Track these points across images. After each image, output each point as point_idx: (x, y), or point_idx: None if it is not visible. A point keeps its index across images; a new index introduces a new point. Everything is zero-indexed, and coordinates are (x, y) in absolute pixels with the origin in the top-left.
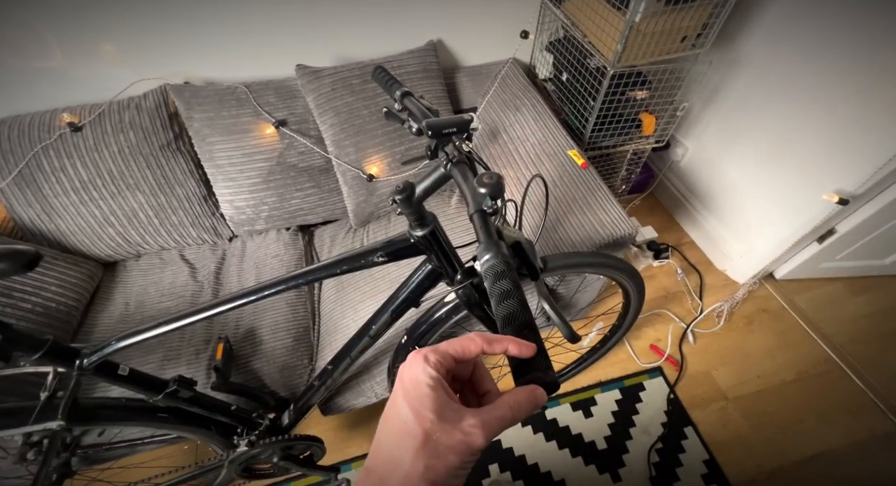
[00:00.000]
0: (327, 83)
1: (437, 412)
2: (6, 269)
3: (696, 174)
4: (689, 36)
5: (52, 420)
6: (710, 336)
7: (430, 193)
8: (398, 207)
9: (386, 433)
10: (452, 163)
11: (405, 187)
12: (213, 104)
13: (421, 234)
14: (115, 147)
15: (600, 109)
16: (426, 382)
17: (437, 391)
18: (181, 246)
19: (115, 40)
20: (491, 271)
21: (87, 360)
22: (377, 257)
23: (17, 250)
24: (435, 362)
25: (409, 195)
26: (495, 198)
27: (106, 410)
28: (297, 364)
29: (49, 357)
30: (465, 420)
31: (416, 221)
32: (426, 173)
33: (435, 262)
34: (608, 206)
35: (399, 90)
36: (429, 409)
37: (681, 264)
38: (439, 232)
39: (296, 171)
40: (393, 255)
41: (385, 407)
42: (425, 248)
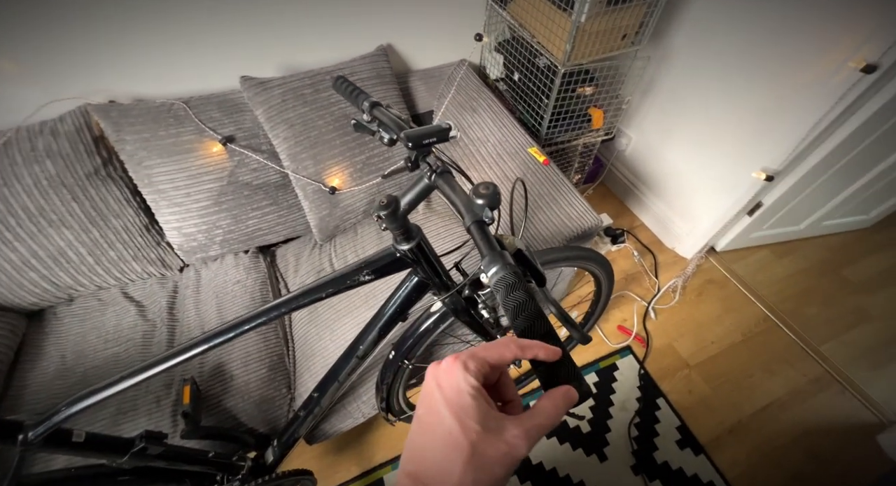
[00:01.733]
0: (277, 94)
1: (481, 422)
2: None
3: (640, 162)
4: (629, 34)
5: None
6: (668, 311)
7: (414, 206)
8: (383, 223)
9: (430, 442)
10: (437, 174)
11: (389, 202)
12: (146, 123)
13: (407, 247)
14: (30, 179)
15: (554, 106)
16: (468, 391)
17: (479, 401)
18: (123, 283)
19: (15, 56)
20: (502, 284)
21: (31, 432)
22: (363, 276)
23: None
24: (475, 370)
25: (394, 210)
26: (493, 208)
27: (58, 484)
28: (275, 395)
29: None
30: (507, 430)
31: (401, 235)
32: (409, 186)
33: (422, 274)
34: (573, 199)
35: (367, 101)
36: (473, 419)
37: (636, 247)
38: (425, 244)
39: (250, 189)
40: (379, 271)
41: (420, 411)
42: (412, 261)
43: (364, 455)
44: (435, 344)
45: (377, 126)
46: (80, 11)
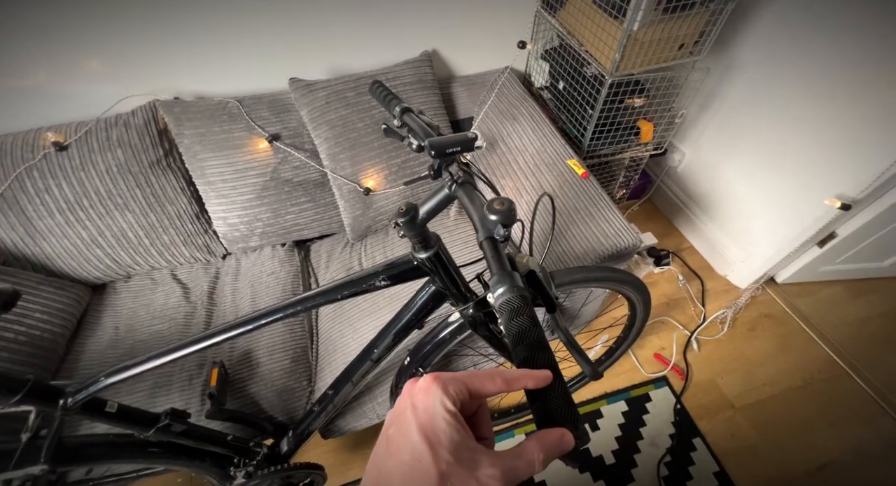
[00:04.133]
0: (321, 96)
1: (454, 452)
2: None
3: (694, 180)
4: (687, 43)
5: (35, 464)
6: (714, 343)
7: (434, 215)
8: (401, 230)
9: (396, 466)
10: (458, 184)
11: (408, 210)
12: (203, 120)
13: (425, 256)
14: (103, 166)
15: (599, 117)
16: (443, 415)
17: (455, 427)
18: (173, 266)
19: (100, 56)
20: (506, 307)
21: (71, 399)
22: (379, 281)
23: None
24: (454, 394)
25: (412, 218)
26: (507, 226)
27: (93, 448)
28: (296, 387)
29: (30, 398)
30: (482, 467)
31: (419, 244)
32: (430, 195)
33: (439, 283)
34: (611, 216)
35: (398, 106)
36: (446, 448)
37: (682, 271)
38: (444, 253)
39: (290, 186)
40: (395, 278)
41: (390, 430)
42: (429, 270)
43: None
44: (452, 354)
45: (406, 132)
46: (154, 17)
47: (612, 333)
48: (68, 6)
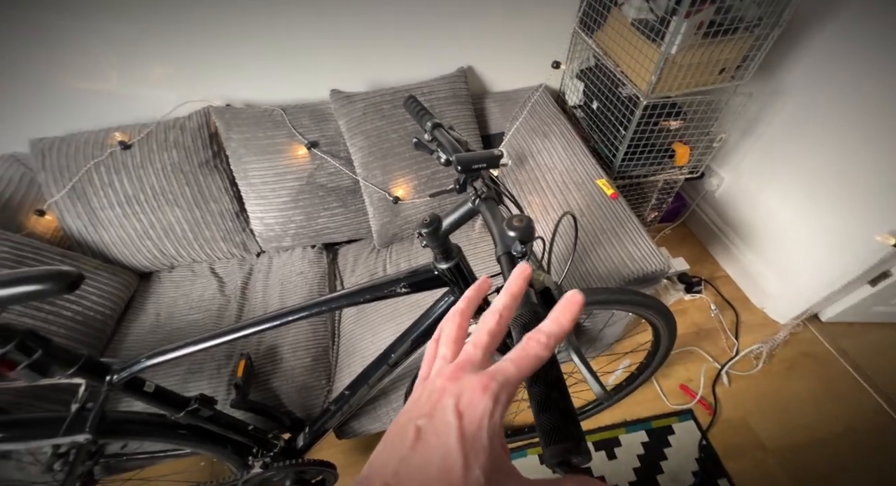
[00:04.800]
0: (359, 107)
1: (488, 472)
2: (50, 290)
3: (732, 206)
4: (728, 68)
5: (81, 433)
6: (747, 379)
7: (456, 227)
8: (423, 240)
9: (421, 465)
10: (481, 199)
11: (432, 221)
12: (250, 126)
13: (445, 266)
14: (159, 164)
15: (632, 138)
16: (488, 430)
17: (495, 446)
18: (211, 260)
19: (165, 64)
20: (518, 322)
21: (116, 376)
22: (400, 288)
23: (61, 272)
24: (504, 403)
25: (435, 229)
26: (525, 242)
27: (130, 424)
28: (315, 385)
29: (82, 371)
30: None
31: (441, 254)
32: (453, 208)
33: (458, 294)
34: (638, 239)
35: (430, 121)
36: (481, 466)
37: (714, 300)
38: (464, 265)
39: (324, 191)
40: (416, 286)
41: (416, 420)
42: (449, 280)
43: None
44: None
45: (436, 146)
46: (212, 32)
47: (634, 358)
48: (143, 20)
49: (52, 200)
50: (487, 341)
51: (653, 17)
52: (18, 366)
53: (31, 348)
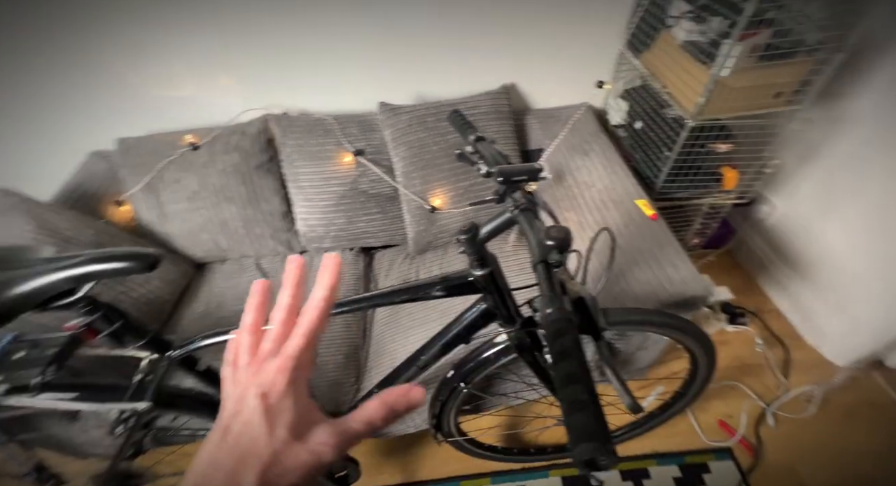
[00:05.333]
0: (405, 119)
1: (292, 428)
2: (135, 268)
3: (785, 236)
4: (785, 92)
5: (142, 400)
6: (796, 423)
7: (493, 236)
8: (461, 246)
9: (229, 451)
10: (520, 209)
11: (470, 228)
12: (303, 133)
13: (480, 273)
14: (221, 165)
15: (676, 159)
16: (291, 397)
17: (298, 405)
18: (259, 255)
19: (231, 76)
20: (552, 327)
21: (176, 351)
22: (435, 291)
23: (145, 253)
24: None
25: (473, 236)
26: (563, 251)
27: (182, 399)
28: (345, 381)
29: (149, 345)
30: (315, 436)
31: (476, 261)
32: (492, 217)
33: (490, 302)
34: (678, 262)
35: (473, 134)
36: (285, 425)
37: (761, 334)
38: (498, 274)
39: (365, 196)
40: (451, 290)
41: (226, 421)
42: (482, 287)
43: (409, 467)
44: (495, 377)
45: (478, 158)
46: (271, 46)
47: (669, 386)
48: (216, 36)
49: (129, 193)
50: (280, 331)
51: (704, 39)
52: (100, 334)
53: (111, 319)
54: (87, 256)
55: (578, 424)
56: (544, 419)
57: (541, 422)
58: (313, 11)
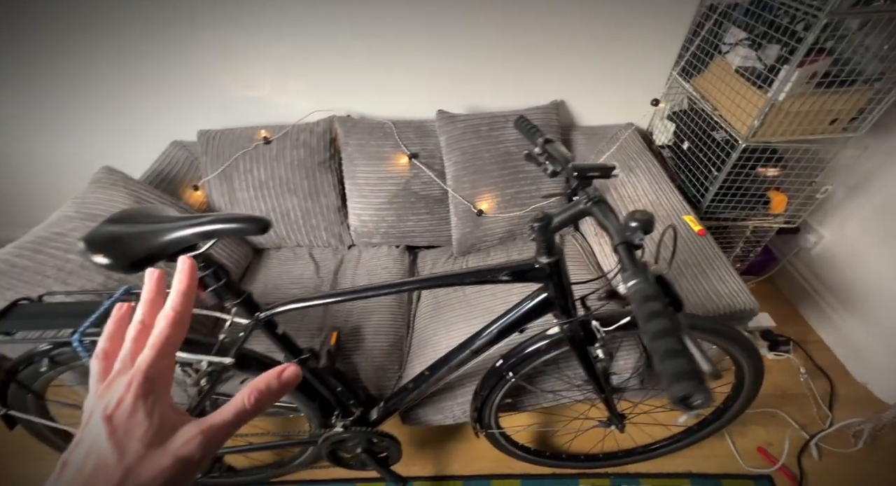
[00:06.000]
0: (460, 127)
1: (147, 439)
2: (250, 229)
3: (832, 266)
4: (841, 119)
5: (227, 356)
6: (842, 457)
7: (564, 226)
8: (532, 233)
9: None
10: (594, 202)
11: (544, 217)
12: (364, 134)
13: (546, 261)
14: (289, 159)
15: (724, 179)
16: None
17: (154, 415)
18: (311, 246)
19: (303, 81)
20: (639, 294)
21: (262, 313)
22: (502, 276)
23: (259, 218)
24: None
25: (546, 224)
26: (647, 232)
27: (255, 361)
28: (389, 367)
29: (243, 304)
30: (177, 438)
31: (544, 249)
32: (564, 209)
33: (551, 291)
34: (727, 276)
35: (541, 137)
36: (139, 438)
37: (804, 364)
38: (562, 263)
39: (416, 197)
40: (516, 276)
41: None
42: (547, 275)
43: (441, 461)
44: (539, 374)
45: (545, 159)
46: (341, 55)
47: None
48: (295, 46)
49: (205, 179)
50: (132, 348)
51: (760, 65)
52: (208, 289)
53: (218, 277)
54: (213, 216)
55: (674, 368)
56: (582, 422)
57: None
58: (380, 27)
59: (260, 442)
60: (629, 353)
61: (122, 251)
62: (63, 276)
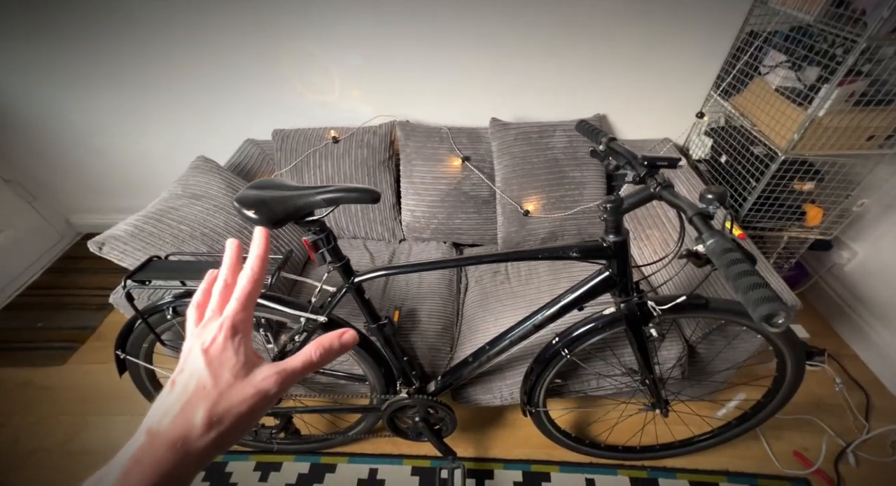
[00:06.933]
0: (511, 134)
1: (236, 372)
2: (366, 198)
3: (866, 282)
4: (878, 135)
5: (321, 314)
6: (879, 465)
7: (634, 208)
8: (603, 213)
9: (179, 397)
10: (662, 187)
11: (616, 198)
12: (422, 138)
13: (613, 240)
14: (353, 157)
15: (762, 191)
16: (233, 348)
17: (240, 354)
18: (367, 238)
19: (369, 88)
20: (720, 248)
21: (357, 278)
22: (572, 253)
23: (372, 189)
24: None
25: (618, 205)
26: (721, 203)
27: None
28: (442, 348)
29: (342, 267)
30: (258, 374)
31: (613, 228)
32: (633, 193)
33: (614, 270)
34: (767, 275)
35: (605, 137)
36: (230, 370)
37: (840, 376)
38: (628, 243)
39: (465, 197)
40: (584, 252)
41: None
42: (612, 253)
43: (482, 444)
44: (589, 356)
45: (608, 155)
46: (404, 65)
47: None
48: (362, 58)
49: (278, 172)
50: (219, 300)
51: (800, 85)
52: (318, 251)
53: (329, 240)
54: (335, 186)
55: (758, 295)
56: (625, 408)
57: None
58: (439, 42)
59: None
60: (673, 344)
61: (268, 209)
62: (178, 243)
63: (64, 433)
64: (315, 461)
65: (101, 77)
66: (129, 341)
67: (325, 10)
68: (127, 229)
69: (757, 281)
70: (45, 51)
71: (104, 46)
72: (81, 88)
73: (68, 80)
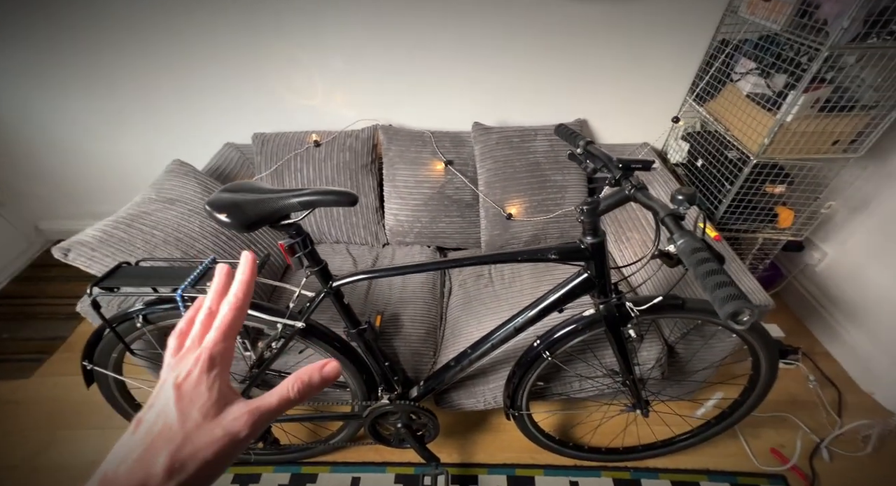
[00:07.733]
0: (494, 138)
1: (205, 411)
2: (342, 201)
3: (836, 282)
4: (842, 141)
5: (298, 321)
6: (851, 460)
7: (610, 209)
8: (580, 215)
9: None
10: (637, 188)
11: (593, 201)
12: (405, 142)
13: (591, 241)
14: (335, 161)
15: (736, 193)
16: (206, 383)
17: (214, 390)
18: (349, 242)
19: (351, 92)
20: (689, 247)
21: (335, 283)
22: (551, 254)
23: (349, 192)
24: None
25: (594, 207)
26: (691, 204)
27: (316, 331)
28: (425, 353)
29: (319, 272)
30: (228, 414)
31: (590, 230)
32: (609, 194)
33: (593, 271)
34: (742, 277)
35: (582, 140)
36: (198, 409)
37: (813, 374)
38: (605, 245)
39: (449, 201)
40: (563, 255)
41: (139, 416)
42: (590, 255)
43: (466, 449)
44: (572, 358)
45: (585, 158)
46: (387, 70)
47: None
48: (343, 61)
49: (259, 176)
50: (201, 329)
51: (769, 91)
52: (295, 255)
53: (305, 245)
54: (311, 189)
55: (724, 293)
56: (607, 410)
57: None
58: (423, 48)
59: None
60: (652, 345)
61: (241, 212)
62: (149, 248)
63: (31, 448)
64: (296, 472)
65: (74, 77)
66: (97, 351)
67: (307, 13)
68: (95, 235)
69: (723, 280)
70: (14, 50)
71: (78, 45)
72: (53, 88)
73: (38, 80)
